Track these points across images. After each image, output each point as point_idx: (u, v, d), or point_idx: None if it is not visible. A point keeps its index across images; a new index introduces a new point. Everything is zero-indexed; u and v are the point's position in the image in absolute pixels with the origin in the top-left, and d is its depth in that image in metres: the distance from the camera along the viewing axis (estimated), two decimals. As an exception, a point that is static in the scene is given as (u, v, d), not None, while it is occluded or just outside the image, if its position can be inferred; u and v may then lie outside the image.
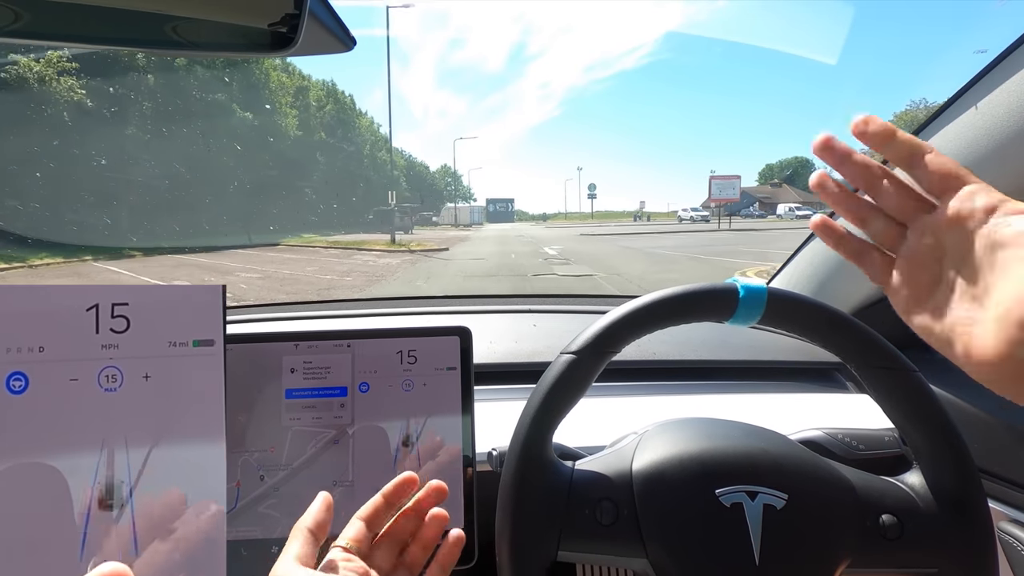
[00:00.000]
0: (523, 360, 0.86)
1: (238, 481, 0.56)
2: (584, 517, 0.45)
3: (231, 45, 0.45)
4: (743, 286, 0.46)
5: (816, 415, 0.76)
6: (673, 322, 0.47)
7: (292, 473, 0.56)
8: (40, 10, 0.40)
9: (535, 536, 0.45)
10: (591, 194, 68.58)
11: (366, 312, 1.09)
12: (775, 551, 0.43)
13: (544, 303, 1.14)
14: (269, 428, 0.57)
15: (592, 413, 0.72)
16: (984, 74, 0.61)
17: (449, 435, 0.58)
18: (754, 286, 0.46)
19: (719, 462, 0.46)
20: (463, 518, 0.57)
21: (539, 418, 0.46)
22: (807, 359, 0.90)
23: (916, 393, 0.46)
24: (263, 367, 0.58)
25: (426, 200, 52.24)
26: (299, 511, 0.55)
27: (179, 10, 0.41)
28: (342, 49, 0.45)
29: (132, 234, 17.73)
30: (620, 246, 16.31)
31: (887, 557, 0.45)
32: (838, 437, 0.64)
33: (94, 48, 0.50)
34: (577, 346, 0.47)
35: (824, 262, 0.90)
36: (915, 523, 0.45)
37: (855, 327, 0.47)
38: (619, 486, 0.46)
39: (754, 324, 0.48)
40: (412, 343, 0.59)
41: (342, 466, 0.57)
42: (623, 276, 8.64)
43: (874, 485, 0.47)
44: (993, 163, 0.62)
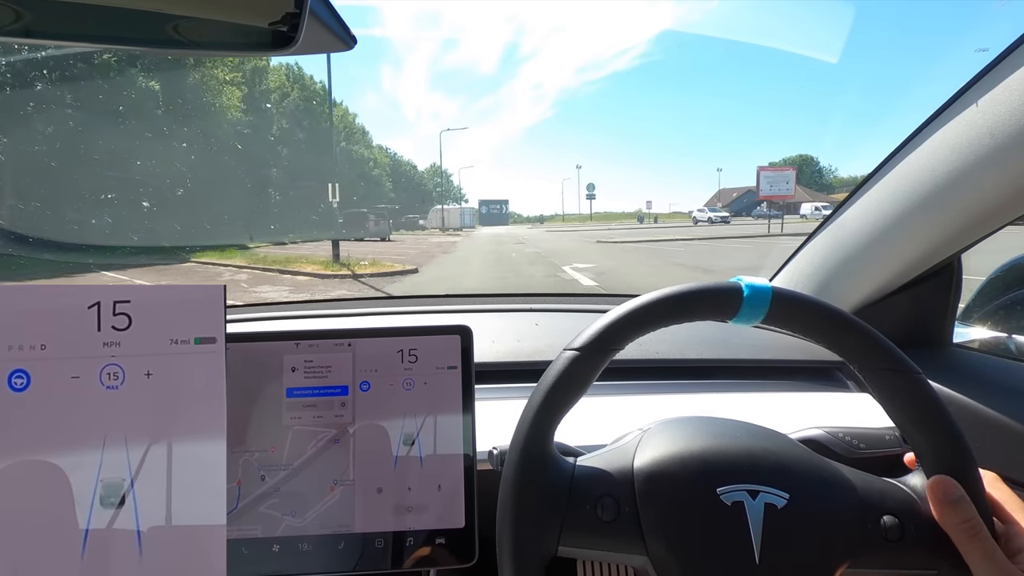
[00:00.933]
0: (524, 359, 0.86)
1: (239, 480, 0.56)
2: (585, 513, 0.45)
3: (232, 44, 0.45)
4: (747, 285, 0.46)
5: (817, 414, 0.76)
6: (676, 320, 0.47)
7: (293, 473, 0.56)
8: (41, 9, 0.40)
9: (536, 531, 0.45)
10: (590, 194, 65.88)
11: (367, 311, 1.09)
12: (775, 550, 0.43)
13: (546, 302, 1.14)
14: (270, 428, 0.57)
15: (594, 412, 0.72)
16: (985, 73, 0.61)
17: (450, 434, 0.58)
18: (758, 285, 0.46)
19: (721, 460, 0.46)
20: (464, 517, 0.57)
21: (541, 414, 0.46)
22: (808, 358, 0.90)
23: (919, 395, 0.45)
24: (264, 366, 0.58)
25: (414, 202, 49.76)
26: (300, 511, 0.56)
27: (180, 9, 0.41)
28: (343, 48, 0.45)
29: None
30: (673, 261, 11.44)
31: (888, 558, 0.45)
32: (839, 436, 0.64)
33: (95, 47, 0.50)
34: (580, 343, 0.47)
35: (826, 261, 0.90)
36: (916, 525, 0.45)
37: (859, 328, 0.47)
38: (620, 483, 0.46)
39: (758, 323, 0.48)
40: (413, 342, 0.59)
41: (343, 465, 0.57)
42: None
43: (875, 486, 0.47)
44: (994, 162, 0.62)
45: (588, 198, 67.41)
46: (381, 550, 0.56)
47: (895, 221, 0.76)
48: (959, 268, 0.82)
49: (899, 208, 0.75)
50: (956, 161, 0.65)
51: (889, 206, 0.76)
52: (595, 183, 62.46)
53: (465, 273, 10.69)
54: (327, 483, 0.56)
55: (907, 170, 0.73)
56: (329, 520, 0.56)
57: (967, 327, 0.93)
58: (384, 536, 0.56)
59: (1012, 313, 0.96)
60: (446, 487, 0.57)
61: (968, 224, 0.70)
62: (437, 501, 0.57)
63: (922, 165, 0.70)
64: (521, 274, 9.88)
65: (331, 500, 0.56)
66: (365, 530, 0.56)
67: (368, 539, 0.56)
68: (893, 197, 0.75)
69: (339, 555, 0.55)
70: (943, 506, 0.43)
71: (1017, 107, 0.58)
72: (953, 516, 0.43)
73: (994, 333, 0.91)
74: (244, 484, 0.56)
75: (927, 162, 0.69)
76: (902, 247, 0.77)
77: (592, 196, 66.04)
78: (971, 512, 0.43)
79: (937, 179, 0.68)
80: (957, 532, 0.43)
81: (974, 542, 0.42)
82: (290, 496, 0.56)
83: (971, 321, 0.97)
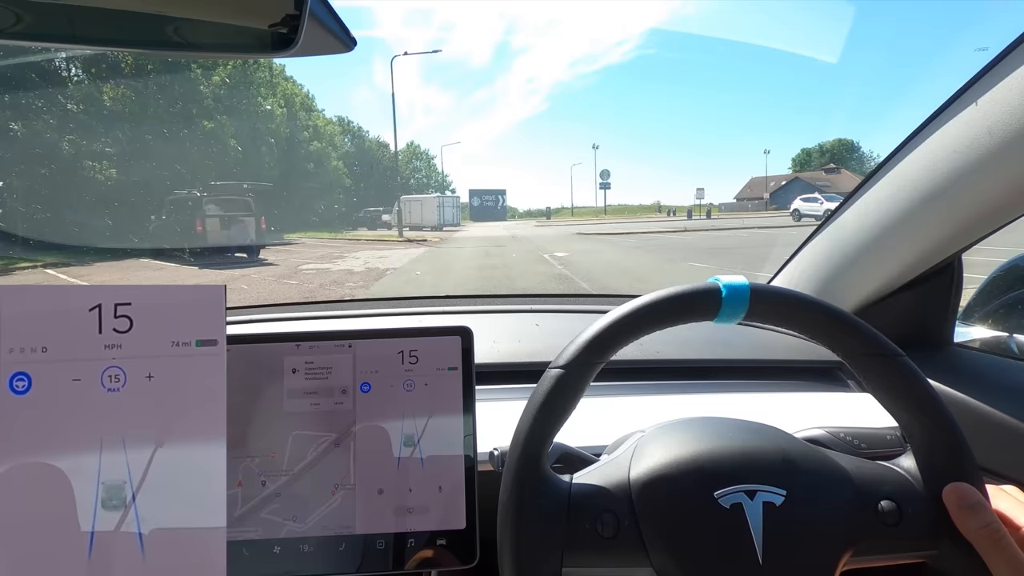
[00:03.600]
0: (525, 360, 0.86)
1: (240, 481, 0.56)
2: (585, 532, 0.45)
3: (232, 46, 0.45)
4: (725, 284, 0.47)
5: (818, 413, 0.76)
6: (660, 326, 0.48)
7: (293, 478, 0.56)
8: (41, 12, 0.40)
9: (538, 556, 0.44)
10: (604, 183, 53.88)
11: (367, 312, 1.09)
12: (778, 549, 0.43)
13: (546, 303, 1.15)
14: (270, 431, 0.57)
15: (594, 413, 0.72)
16: (985, 72, 0.61)
17: (451, 435, 0.58)
18: (736, 284, 0.47)
19: (716, 463, 0.46)
20: (465, 518, 0.57)
21: (532, 436, 0.46)
22: (809, 358, 0.90)
23: (902, 376, 0.46)
24: (264, 367, 0.58)
25: (394, 191, 33.87)
26: (301, 515, 0.55)
27: (180, 11, 0.41)
28: (343, 49, 0.45)
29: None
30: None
31: (889, 543, 0.45)
32: (840, 436, 0.64)
33: (95, 49, 0.50)
34: (564, 360, 0.47)
35: (825, 261, 0.90)
36: (913, 507, 0.45)
37: (838, 316, 0.47)
38: (618, 497, 0.46)
39: (741, 321, 0.48)
40: (413, 343, 0.59)
41: (343, 469, 0.57)
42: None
43: (870, 471, 0.48)
44: (994, 161, 0.62)
45: (602, 187, 55.38)
46: (382, 551, 0.56)
47: (895, 220, 0.76)
48: (960, 267, 0.82)
49: (899, 207, 0.75)
50: (956, 160, 0.65)
51: (889, 205, 0.76)
52: (602, 175, 51.27)
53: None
54: (328, 488, 0.56)
55: (907, 169, 0.73)
56: (330, 523, 0.56)
57: (968, 326, 0.93)
58: (385, 537, 0.56)
59: (1013, 312, 0.95)
60: (447, 488, 0.57)
61: (968, 223, 0.70)
62: (438, 502, 0.57)
63: (922, 164, 0.70)
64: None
65: (333, 504, 0.56)
66: (366, 531, 0.56)
67: (369, 540, 0.56)
68: (893, 196, 0.76)
69: (340, 557, 0.55)
70: (961, 511, 0.43)
71: (1017, 106, 0.58)
72: (973, 521, 0.42)
73: (995, 332, 0.91)
74: (245, 489, 0.56)
75: (927, 161, 0.69)
76: (902, 246, 0.77)
77: (607, 185, 55.03)
78: (991, 516, 0.42)
79: (937, 178, 0.68)
80: (979, 537, 0.42)
81: (998, 548, 0.41)
82: (291, 501, 0.56)
83: (972, 320, 0.97)
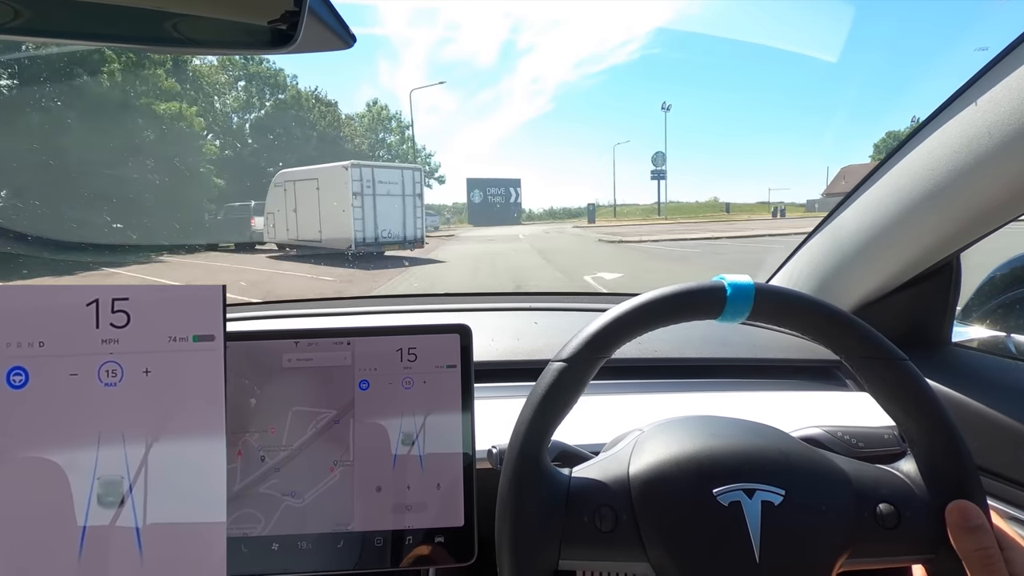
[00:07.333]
0: (524, 358, 0.86)
1: (240, 451, 0.56)
2: (583, 525, 0.45)
3: (231, 42, 0.45)
4: (730, 283, 0.47)
5: (817, 413, 0.76)
6: (663, 323, 0.48)
7: (293, 453, 0.56)
8: (40, 7, 0.40)
9: (535, 547, 0.45)
10: (657, 170, 40.77)
11: (366, 310, 1.09)
12: (775, 548, 0.43)
13: (545, 301, 1.15)
14: (271, 408, 0.57)
15: (593, 411, 0.72)
16: (985, 71, 0.62)
17: (449, 432, 0.58)
18: (741, 283, 0.47)
19: (715, 461, 0.46)
20: (463, 515, 0.57)
21: (533, 428, 0.46)
22: (808, 357, 0.90)
23: (905, 381, 0.46)
24: (263, 364, 0.58)
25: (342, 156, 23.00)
26: (300, 491, 0.55)
27: (179, 7, 0.41)
28: (342, 46, 0.45)
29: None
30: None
31: (886, 546, 0.45)
32: (838, 435, 0.64)
33: (94, 45, 0.50)
34: (567, 353, 0.47)
35: (824, 260, 0.90)
36: (913, 512, 0.45)
37: (843, 319, 0.47)
38: (617, 492, 0.46)
39: (744, 320, 0.48)
40: (412, 341, 0.59)
41: (343, 446, 0.57)
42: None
43: (869, 474, 0.48)
44: (993, 161, 0.62)
45: (654, 177, 41.58)
46: (380, 549, 0.56)
47: (894, 220, 0.76)
48: (958, 267, 0.82)
49: (898, 207, 0.75)
50: (955, 160, 0.65)
51: (888, 205, 0.76)
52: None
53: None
54: (327, 464, 0.56)
55: (906, 168, 0.73)
56: (328, 507, 0.56)
57: (966, 326, 0.94)
58: (383, 535, 0.56)
59: (1011, 312, 0.96)
60: (445, 486, 0.57)
61: (967, 223, 0.70)
62: (436, 500, 0.57)
63: (921, 164, 0.70)
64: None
65: (331, 481, 0.56)
66: (364, 529, 0.56)
67: (367, 538, 0.56)
68: (892, 196, 0.76)
69: (338, 553, 0.55)
70: (961, 531, 0.43)
71: (1016, 106, 0.58)
72: (971, 543, 0.42)
73: (993, 332, 0.91)
74: (244, 464, 0.56)
75: (926, 161, 0.69)
76: (901, 246, 0.78)
77: (661, 173, 41.34)
78: (989, 540, 0.42)
79: (936, 177, 0.68)
80: (972, 559, 0.42)
81: (988, 571, 0.41)
82: (290, 476, 0.56)
83: (970, 320, 0.97)
